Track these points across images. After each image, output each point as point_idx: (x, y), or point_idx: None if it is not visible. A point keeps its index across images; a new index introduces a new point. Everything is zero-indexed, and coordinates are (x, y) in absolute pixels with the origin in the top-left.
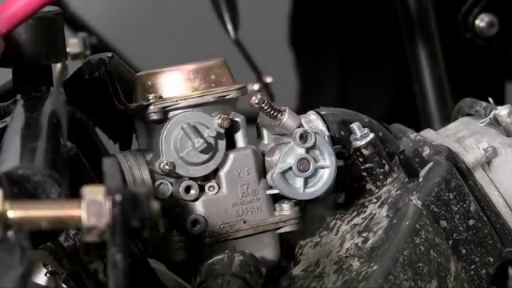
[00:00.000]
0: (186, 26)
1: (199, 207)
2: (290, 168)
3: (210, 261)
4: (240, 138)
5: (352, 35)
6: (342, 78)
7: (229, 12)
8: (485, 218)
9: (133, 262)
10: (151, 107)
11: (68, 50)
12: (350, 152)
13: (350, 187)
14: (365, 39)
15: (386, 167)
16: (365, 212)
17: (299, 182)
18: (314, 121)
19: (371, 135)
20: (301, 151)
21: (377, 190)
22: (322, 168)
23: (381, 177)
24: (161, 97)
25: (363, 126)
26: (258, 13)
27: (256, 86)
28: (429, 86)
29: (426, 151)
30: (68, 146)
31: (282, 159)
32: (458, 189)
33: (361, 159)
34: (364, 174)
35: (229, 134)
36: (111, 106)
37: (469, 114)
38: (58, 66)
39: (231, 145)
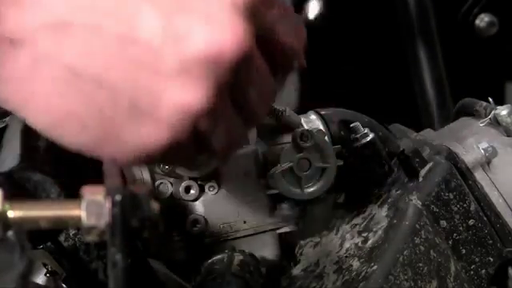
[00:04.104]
0: None
1: (199, 207)
2: (290, 168)
3: (209, 261)
4: None
5: (352, 35)
6: (342, 77)
7: None
8: (485, 218)
9: (133, 262)
10: None
11: None
12: (350, 152)
13: (350, 187)
14: (365, 39)
15: (386, 167)
16: (365, 212)
17: (299, 182)
18: (313, 121)
19: (371, 135)
20: (301, 151)
21: (376, 190)
22: (322, 168)
23: (381, 177)
24: None
25: (363, 126)
26: None
27: None
28: (429, 86)
29: (426, 151)
30: None
31: (282, 159)
32: (457, 189)
33: (361, 159)
34: (364, 173)
35: None
36: None
37: (469, 114)
38: None
39: None
